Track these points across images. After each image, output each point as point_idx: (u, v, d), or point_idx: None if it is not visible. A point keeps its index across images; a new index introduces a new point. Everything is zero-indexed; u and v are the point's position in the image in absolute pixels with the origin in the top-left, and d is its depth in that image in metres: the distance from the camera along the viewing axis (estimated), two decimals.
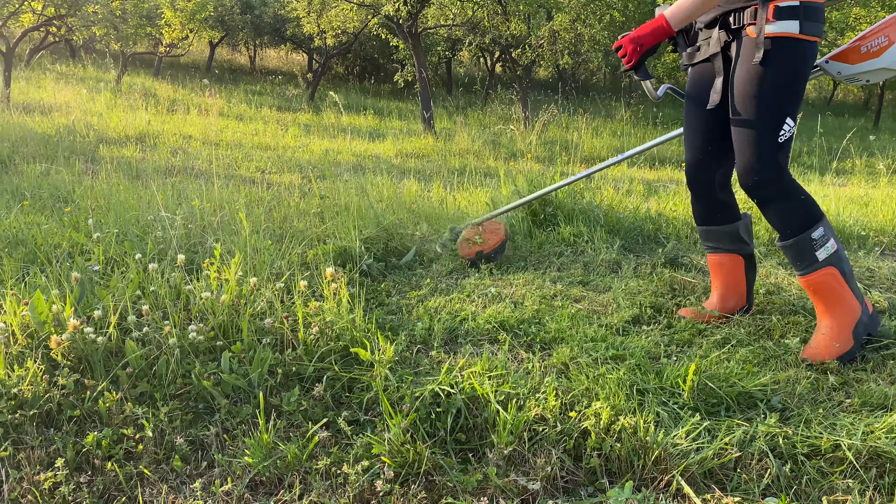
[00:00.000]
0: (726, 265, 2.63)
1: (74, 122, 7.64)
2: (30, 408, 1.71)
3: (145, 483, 1.59)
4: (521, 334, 2.43)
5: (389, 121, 11.95)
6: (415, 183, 5.40)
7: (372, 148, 8.56)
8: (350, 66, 20.78)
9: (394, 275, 3.15)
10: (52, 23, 10.82)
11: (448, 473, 1.66)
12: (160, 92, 12.89)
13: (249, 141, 8.20)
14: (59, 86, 11.70)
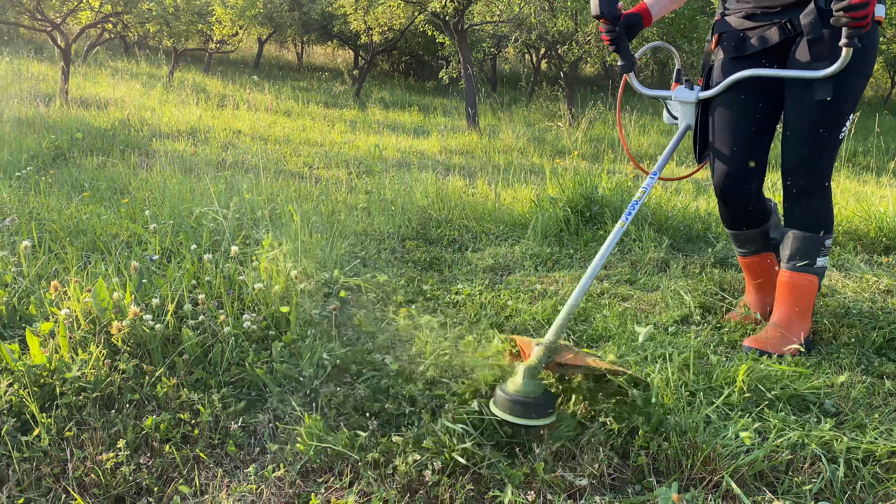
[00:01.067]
0: (760, 265, 2.55)
1: (129, 116, 7.84)
2: (92, 391, 1.77)
3: (201, 466, 1.63)
4: (567, 331, 2.42)
5: (434, 117, 11.97)
6: (459, 179, 5.42)
7: (416, 144, 8.59)
8: (395, 62, 20.88)
9: (435, 269, 3.17)
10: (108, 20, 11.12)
11: (495, 466, 1.67)
12: (210, 87, 13.14)
13: (297, 136, 8.31)
14: (114, 81, 12.02)
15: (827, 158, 2.22)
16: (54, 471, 1.56)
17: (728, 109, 2.33)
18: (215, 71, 16.23)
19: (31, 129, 6.06)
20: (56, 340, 1.85)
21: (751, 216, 2.45)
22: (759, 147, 2.34)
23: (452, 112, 13.01)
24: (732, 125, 2.33)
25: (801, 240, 2.30)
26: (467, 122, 10.23)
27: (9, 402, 1.70)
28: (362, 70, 15.63)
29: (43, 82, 10.42)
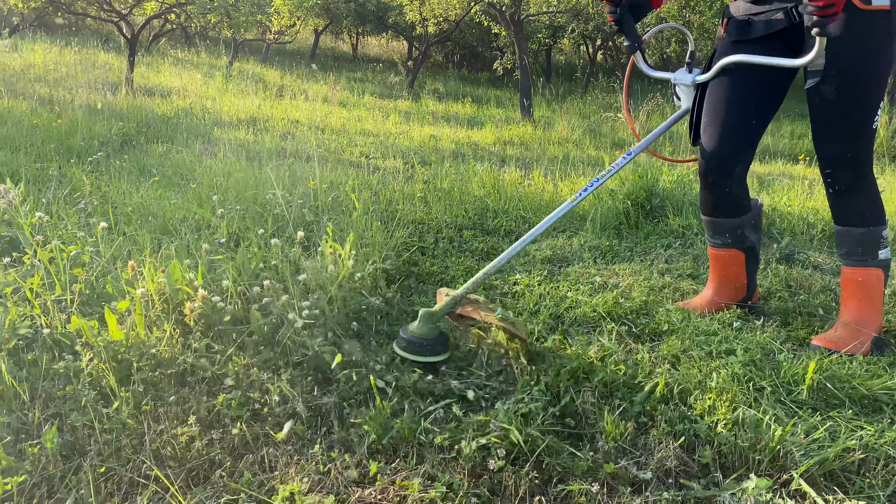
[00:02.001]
0: (725, 260, 2.48)
1: (191, 105, 8.04)
2: (167, 367, 1.83)
3: (270, 444, 1.68)
4: (628, 324, 2.40)
5: (487, 108, 11.94)
6: (515, 170, 5.40)
7: (471, 135, 8.59)
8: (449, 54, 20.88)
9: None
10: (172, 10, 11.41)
11: (559, 456, 1.67)
12: (268, 78, 13.36)
13: (353, 127, 8.40)
14: (176, 71, 12.33)
15: (862, 150, 2.16)
16: (133, 442, 1.63)
17: (721, 91, 2.29)
18: (273, 61, 16.49)
19: (101, 116, 6.27)
20: (132, 318, 1.92)
21: (727, 203, 2.37)
22: (747, 132, 2.29)
23: (506, 103, 12.96)
24: (722, 106, 2.28)
25: (854, 236, 2.25)
26: (521, 113, 10.18)
27: (90, 375, 1.77)
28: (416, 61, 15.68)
29: (109, 72, 10.75)
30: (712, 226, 2.46)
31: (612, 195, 3.76)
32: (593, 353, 2.07)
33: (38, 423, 1.66)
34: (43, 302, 2.01)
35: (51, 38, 14.02)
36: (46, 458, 1.54)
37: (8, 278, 2.07)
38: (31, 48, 12.04)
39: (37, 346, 1.88)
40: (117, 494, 1.51)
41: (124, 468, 1.57)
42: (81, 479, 1.51)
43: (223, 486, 1.52)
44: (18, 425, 1.65)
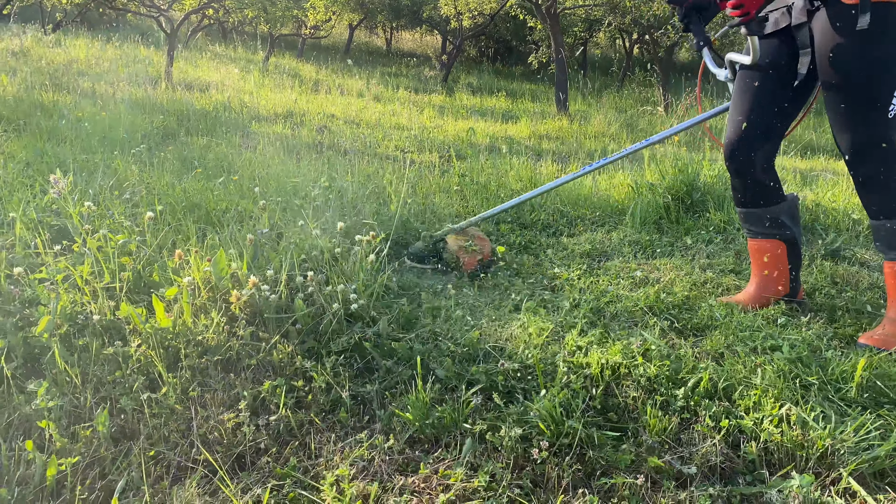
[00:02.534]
0: (763, 251, 2.46)
1: (229, 99, 8.13)
2: (213, 354, 1.86)
3: (315, 431, 1.70)
4: (671, 319, 2.38)
5: (522, 103, 11.89)
6: (551, 164, 5.37)
7: (505, 129, 8.56)
8: (483, 48, 20.82)
9: (531, 253, 3.16)
10: (210, 5, 11.55)
11: (601, 449, 1.66)
12: (304, 72, 13.47)
13: (387, 121, 8.42)
14: (214, 65, 12.48)
15: (878, 139, 2.10)
16: (180, 427, 1.66)
17: (739, 82, 2.37)
18: (308, 56, 16.61)
19: (142, 109, 6.38)
20: (179, 306, 1.95)
21: (755, 192, 2.39)
22: (768, 118, 2.30)
23: (541, 97, 12.88)
24: (739, 97, 2.36)
25: (886, 229, 2.20)
26: (557, 107, 10.11)
27: (139, 360, 1.81)
28: (450, 55, 15.66)
29: (149, 66, 10.93)
30: (745, 216, 2.47)
31: (652, 189, 3.72)
32: (635, 348, 2.05)
33: (89, 406, 1.69)
34: (92, 289, 2.05)
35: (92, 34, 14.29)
36: (98, 440, 1.58)
37: (59, 265, 2.11)
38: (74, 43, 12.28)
39: (87, 332, 1.92)
40: (166, 477, 1.54)
41: (173, 452, 1.60)
42: (132, 462, 1.55)
43: (269, 472, 1.54)
44: (71, 408, 1.70)
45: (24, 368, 1.82)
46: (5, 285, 2.03)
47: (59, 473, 1.47)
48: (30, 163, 3.63)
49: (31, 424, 1.62)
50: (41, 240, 2.32)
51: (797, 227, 2.50)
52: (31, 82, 7.30)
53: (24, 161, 3.63)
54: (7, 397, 1.68)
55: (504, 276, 2.79)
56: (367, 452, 1.60)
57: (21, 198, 2.77)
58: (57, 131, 4.66)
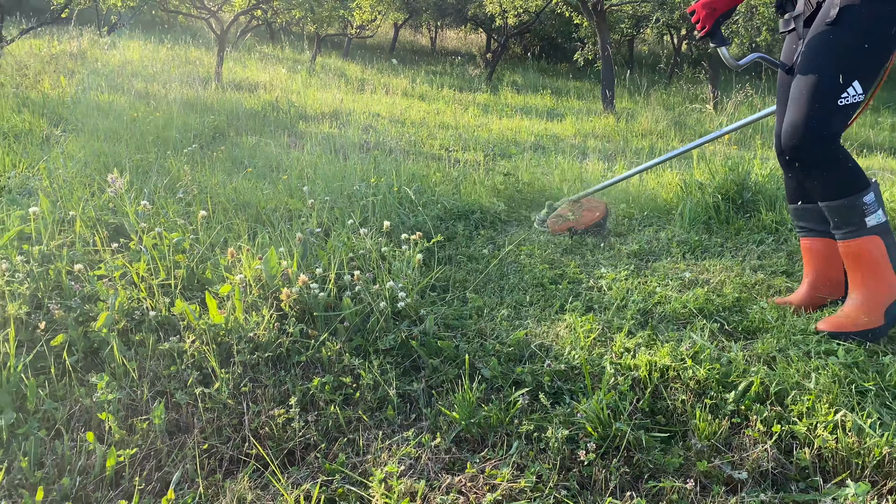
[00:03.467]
0: (817, 250, 2.39)
1: (277, 98, 8.26)
2: (264, 350, 1.90)
3: (363, 428, 1.72)
4: (720, 321, 2.34)
5: (567, 101, 11.80)
6: (598, 162, 5.32)
7: (550, 128, 8.51)
8: (528, 45, 20.72)
9: (577, 252, 3.14)
10: (259, 6, 11.74)
11: (649, 452, 1.64)
12: (349, 72, 13.60)
13: (432, 120, 8.45)
14: (262, 65, 12.69)
15: (816, 122, 2.07)
16: (233, 422, 1.70)
17: (780, 77, 2.37)
18: (354, 56, 16.77)
19: (193, 109, 6.52)
20: (231, 303, 2.00)
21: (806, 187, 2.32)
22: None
23: (587, 95, 12.76)
24: (780, 91, 2.36)
25: (836, 208, 2.15)
26: (603, 105, 10.01)
27: (192, 356, 1.86)
28: (495, 53, 15.63)
29: (199, 67, 11.17)
30: (796, 212, 2.43)
31: (702, 189, 3.66)
32: (684, 350, 2.03)
33: (146, 399, 1.75)
34: (148, 286, 2.11)
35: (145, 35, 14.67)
36: (154, 433, 1.63)
37: (117, 262, 2.18)
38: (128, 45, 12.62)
39: (143, 328, 1.98)
40: (219, 470, 1.58)
41: (225, 446, 1.64)
42: (186, 455, 1.59)
43: (319, 467, 1.57)
44: (128, 401, 1.75)
45: (84, 362, 1.88)
46: (66, 281, 2.11)
47: (118, 464, 1.52)
48: (87, 162, 3.74)
49: (92, 416, 1.67)
50: (99, 237, 2.40)
51: None
52: (88, 83, 7.53)
53: (83, 160, 3.75)
54: (69, 389, 1.75)
55: None
56: (414, 450, 1.62)
57: (80, 196, 2.86)
58: (112, 131, 4.79)
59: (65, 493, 1.45)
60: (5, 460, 1.52)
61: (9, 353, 1.72)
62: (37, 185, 3.30)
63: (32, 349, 1.82)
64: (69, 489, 1.46)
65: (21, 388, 1.70)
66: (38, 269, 2.18)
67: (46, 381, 1.75)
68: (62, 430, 1.62)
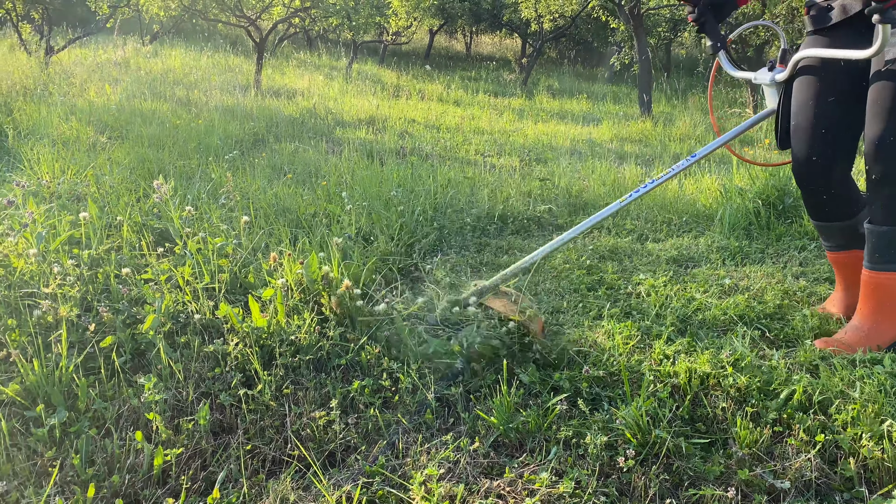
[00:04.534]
0: (848, 263, 2.31)
1: (315, 105, 8.37)
2: (305, 353, 1.94)
3: (401, 431, 1.74)
4: (761, 328, 2.31)
5: (603, 105, 11.73)
6: (635, 167, 5.29)
7: (587, 132, 8.48)
8: (563, 50, 20.66)
9: (615, 259, 3.12)
10: (297, 14, 11.92)
11: (689, 459, 1.63)
12: (385, 78, 13.71)
13: (467, 125, 8.48)
14: (300, 72, 12.86)
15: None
16: (275, 423, 1.73)
17: (805, 89, 2.15)
18: (389, 62, 16.89)
19: (234, 116, 6.65)
20: (273, 306, 2.03)
21: (834, 207, 2.22)
22: (838, 132, 2.11)
23: (624, 99, 12.67)
24: (807, 106, 2.14)
25: (882, 235, 2.05)
26: (640, 109, 9.93)
27: (236, 358, 1.90)
28: (530, 58, 15.61)
29: (239, 74, 11.37)
30: (823, 230, 2.33)
31: (742, 194, 3.62)
32: (724, 358, 2.01)
33: (191, 400, 1.79)
34: (193, 289, 2.17)
35: (186, 44, 14.98)
36: (199, 433, 1.67)
37: (163, 266, 2.24)
38: (170, 53, 12.91)
39: (188, 330, 2.03)
40: (262, 471, 1.61)
41: (268, 447, 1.67)
42: (230, 455, 1.63)
43: (359, 469, 1.59)
44: (174, 402, 1.80)
45: (131, 363, 1.94)
46: (115, 285, 2.17)
47: (165, 463, 1.57)
48: (133, 168, 3.84)
49: (140, 416, 1.72)
50: (145, 242, 2.46)
51: None
52: (132, 91, 7.73)
53: (128, 167, 3.85)
54: (118, 390, 1.80)
55: None
56: (453, 454, 1.63)
57: (126, 202, 2.94)
58: (156, 138, 4.91)
59: (115, 490, 1.49)
60: (59, 457, 1.57)
61: (61, 354, 1.78)
62: (85, 190, 3.40)
63: (83, 350, 1.88)
64: (119, 486, 1.50)
65: (72, 387, 1.76)
66: (88, 272, 2.25)
67: (96, 381, 1.81)
68: (111, 428, 1.67)
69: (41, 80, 7.79)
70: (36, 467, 1.54)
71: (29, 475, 1.53)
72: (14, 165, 4.00)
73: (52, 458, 1.56)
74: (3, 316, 1.96)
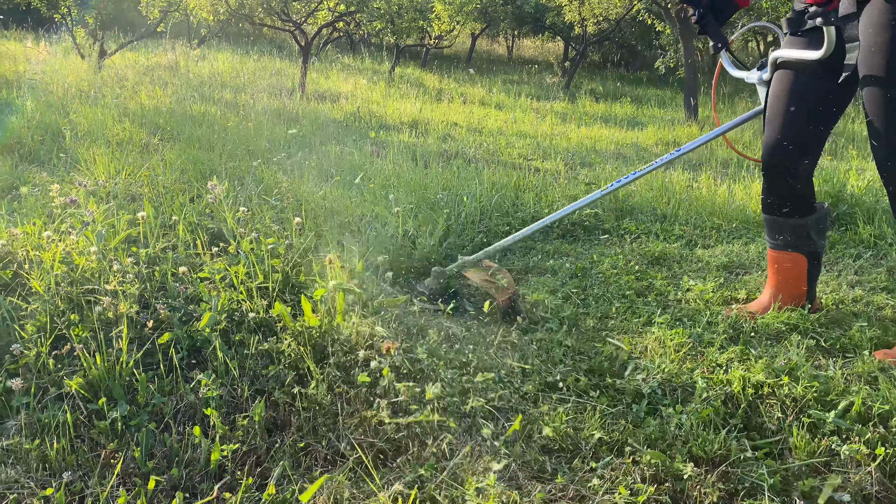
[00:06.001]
0: (782, 262, 2.36)
1: (359, 108, 8.45)
2: (355, 353, 1.95)
3: (451, 433, 1.74)
4: (816, 337, 2.26)
5: (647, 109, 11.60)
6: (682, 172, 5.22)
7: (631, 136, 8.39)
8: (607, 53, 20.49)
9: (664, 265, 3.09)
10: (342, 18, 12.04)
11: (745, 469, 1.61)
12: (427, 82, 13.76)
13: (509, 129, 8.46)
14: (343, 76, 13.00)
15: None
16: (327, 422, 1.75)
17: (777, 86, 2.26)
18: (431, 66, 16.96)
19: (280, 119, 6.74)
20: (326, 307, 2.06)
21: (791, 200, 2.30)
22: (805, 128, 2.20)
23: (669, 103, 12.51)
24: (778, 101, 2.24)
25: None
26: (686, 113, 9.80)
27: (289, 356, 1.93)
28: (573, 62, 15.52)
29: (285, 77, 11.53)
30: (772, 224, 2.38)
31: None
32: (779, 366, 1.97)
33: (246, 397, 1.82)
34: (247, 288, 2.20)
35: (233, 47, 15.25)
36: (254, 430, 1.70)
37: (217, 265, 2.29)
38: (217, 57, 13.15)
39: (243, 328, 2.07)
40: (315, 468, 1.63)
41: (319, 444, 1.69)
42: (285, 452, 1.65)
43: (410, 470, 1.60)
44: (229, 398, 1.83)
45: (188, 360, 1.98)
46: (171, 283, 2.22)
47: (222, 458, 1.60)
48: (185, 169, 3.93)
49: (197, 411, 1.76)
50: (200, 241, 2.51)
51: (822, 240, 2.41)
52: (181, 94, 7.90)
53: (180, 168, 3.93)
54: (175, 385, 1.84)
55: None
56: (505, 458, 1.63)
57: (181, 202, 3.01)
58: (206, 140, 5.01)
59: (174, 483, 1.53)
60: (120, 450, 1.62)
61: (122, 349, 1.83)
62: (140, 191, 3.49)
63: (142, 347, 1.93)
64: (178, 479, 1.54)
65: (132, 382, 1.81)
66: (146, 270, 2.31)
67: (155, 376, 1.85)
68: (170, 423, 1.72)
69: (95, 83, 8.02)
70: (99, 459, 1.59)
71: (92, 466, 1.58)
72: (72, 166, 4.12)
73: (114, 450, 1.61)
74: (67, 311, 2.02)
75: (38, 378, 1.80)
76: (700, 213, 3.82)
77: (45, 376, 1.81)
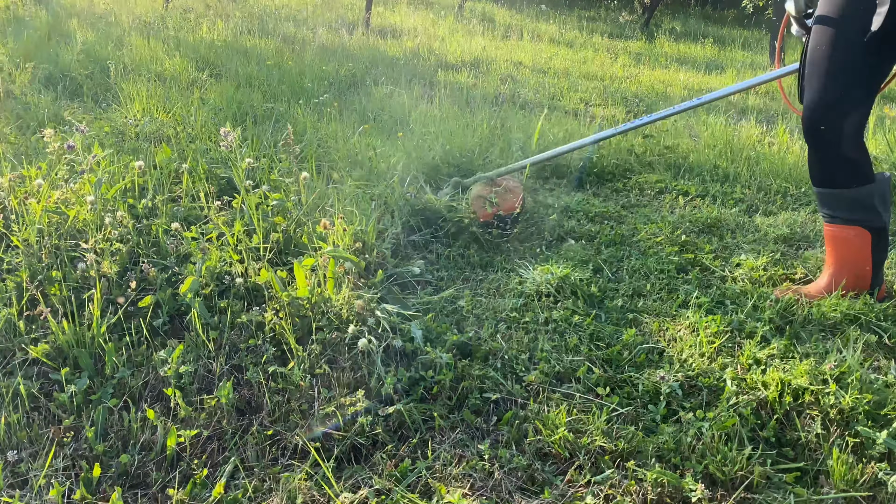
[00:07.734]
0: (844, 239, 2.07)
1: (419, 46, 8.13)
2: (344, 331, 1.78)
3: (437, 429, 1.57)
4: (879, 333, 1.96)
5: (731, 51, 10.79)
6: (755, 125, 4.77)
7: (707, 81, 7.81)
8: None
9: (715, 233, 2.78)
10: None
11: (773, 493, 1.38)
12: (498, 17, 13.20)
13: (577, 69, 8.00)
14: (412, 10, 12.59)
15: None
16: (302, 407, 1.60)
17: (817, 34, 2.01)
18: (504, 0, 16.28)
19: (333, 56, 6.53)
20: (318, 276, 1.89)
21: (843, 167, 2.03)
22: (854, 77, 1.94)
23: (754, 46, 11.64)
24: (818, 50, 1.99)
25: None
26: (770, 57, 9.06)
27: (272, 330, 1.78)
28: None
29: (350, 11, 11.23)
30: (823, 197, 2.11)
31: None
32: (828, 369, 1.70)
33: (220, 373, 1.69)
34: (243, 249, 2.05)
35: None
36: (222, 412, 1.56)
37: (219, 220, 2.14)
38: None
39: (230, 294, 1.93)
40: (281, 460, 1.49)
41: (290, 433, 1.54)
42: (248, 441, 1.51)
43: (382, 470, 1.43)
44: (204, 373, 1.70)
45: (170, 325, 1.86)
46: (164, 240, 2.09)
47: (179, 445, 1.47)
48: (218, 110, 3.79)
49: (165, 387, 1.64)
50: (204, 192, 2.37)
51: (888, 213, 2.09)
52: (242, 27, 7.75)
53: (214, 107, 3.80)
54: (148, 355, 1.72)
55: None
56: (489, 463, 1.44)
57: (198, 148, 2.87)
58: (249, 78, 4.87)
59: (122, 470, 1.41)
60: (75, 427, 1.51)
61: (93, 314, 1.71)
62: (169, 132, 3.37)
63: (121, 310, 1.81)
64: (128, 466, 1.42)
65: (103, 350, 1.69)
66: (146, 223, 2.19)
67: (129, 345, 1.74)
68: (132, 400, 1.60)
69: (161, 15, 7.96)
70: (53, 435, 1.48)
71: (46, 444, 1.47)
72: (112, 102, 4.05)
73: (68, 427, 1.50)
74: (49, 268, 1.91)
75: (5, 341, 1.70)
76: (767, 174, 3.45)
77: (13, 339, 1.71)
